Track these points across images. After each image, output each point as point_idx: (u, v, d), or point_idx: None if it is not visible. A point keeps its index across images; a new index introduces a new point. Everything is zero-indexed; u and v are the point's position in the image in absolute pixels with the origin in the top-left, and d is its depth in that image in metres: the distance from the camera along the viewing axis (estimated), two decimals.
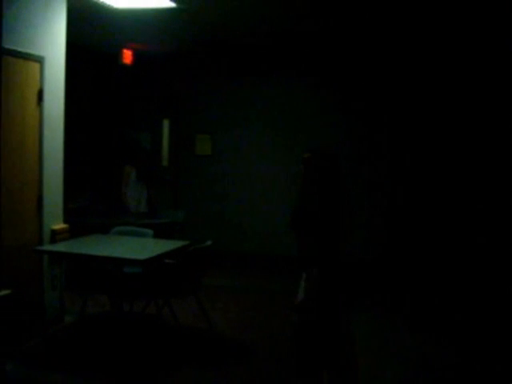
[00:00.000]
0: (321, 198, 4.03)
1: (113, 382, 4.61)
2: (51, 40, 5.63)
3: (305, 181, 4.18)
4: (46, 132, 5.57)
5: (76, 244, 5.66)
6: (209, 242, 5.74)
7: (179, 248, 5.71)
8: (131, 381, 4.68)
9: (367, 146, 9.28)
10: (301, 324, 4.06)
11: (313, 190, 4.11)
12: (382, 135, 9.21)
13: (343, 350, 4.27)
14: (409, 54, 8.84)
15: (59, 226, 5.79)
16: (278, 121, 9.77)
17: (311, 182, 4.11)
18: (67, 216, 6.07)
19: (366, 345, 5.64)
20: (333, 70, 9.40)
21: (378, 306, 7.08)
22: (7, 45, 4.94)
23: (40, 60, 5.46)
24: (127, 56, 9.14)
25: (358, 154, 9.31)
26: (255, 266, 9.22)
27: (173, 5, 6.40)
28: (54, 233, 5.68)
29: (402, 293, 7.65)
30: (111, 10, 6.60)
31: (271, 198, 9.81)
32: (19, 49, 5.14)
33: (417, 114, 8.98)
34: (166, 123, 10.52)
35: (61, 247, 5.54)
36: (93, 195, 9.74)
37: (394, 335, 5.96)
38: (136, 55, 9.30)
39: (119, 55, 9.04)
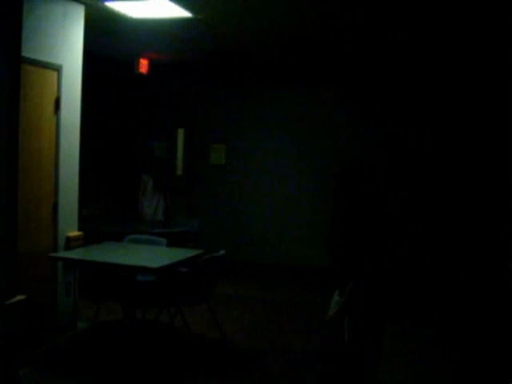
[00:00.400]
0: (355, 211, 3.88)
1: None
2: (69, 49, 5.69)
3: (337, 196, 4.10)
4: (63, 140, 5.62)
5: (90, 251, 5.69)
6: (222, 252, 5.75)
7: (192, 257, 5.72)
8: None
9: (379, 154, 9.26)
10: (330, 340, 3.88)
11: (346, 205, 3.96)
12: (395, 144, 9.19)
13: None
14: (419, 62, 8.83)
15: (74, 233, 5.83)
16: (292, 130, 9.78)
17: (344, 196, 4.00)
18: (81, 223, 6.11)
19: None
20: (347, 78, 9.40)
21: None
22: (25, 53, 4.98)
23: (57, 68, 5.52)
24: (143, 65, 9.20)
25: (372, 163, 9.29)
26: (268, 275, 9.20)
27: (189, 15, 6.44)
28: (68, 240, 5.72)
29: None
30: (128, 20, 6.65)
31: (284, 208, 9.81)
32: (37, 57, 5.21)
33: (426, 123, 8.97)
34: (180, 132, 10.57)
35: (75, 254, 5.57)
36: (107, 203, 9.80)
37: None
38: (152, 64, 9.36)
39: (135, 64, 9.09)
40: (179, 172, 10.57)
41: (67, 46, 5.67)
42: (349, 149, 9.38)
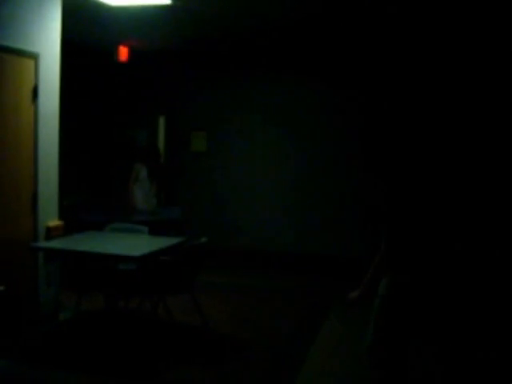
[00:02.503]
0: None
1: (107, 380, 4.62)
2: (46, 36, 5.62)
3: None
4: (41, 129, 5.56)
5: (71, 241, 5.66)
6: (204, 239, 5.74)
7: (174, 245, 5.71)
8: (125, 378, 4.69)
9: (362, 142, 9.27)
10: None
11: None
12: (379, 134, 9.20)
13: None
14: (405, 51, 8.84)
15: (54, 222, 5.79)
16: (273, 118, 9.77)
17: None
18: (62, 213, 6.07)
19: None
20: (330, 66, 9.39)
21: None
22: (1, 41, 4.95)
23: (35, 56, 5.45)
24: (123, 53, 9.12)
25: (354, 151, 9.31)
26: (251, 263, 9.22)
27: (168, 2, 6.38)
28: (48, 230, 5.68)
29: None
30: (107, 7, 6.59)
31: (267, 195, 9.81)
32: (14, 45, 5.14)
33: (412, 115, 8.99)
34: (161, 120, 10.52)
35: (56, 244, 5.53)
36: (88, 192, 9.74)
37: None
38: (132, 52, 9.28)
39: (115, 52, 9.01)
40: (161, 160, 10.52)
41: (45, 34, 5.59)
42: (330, 135, 9.42)
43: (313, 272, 8.65)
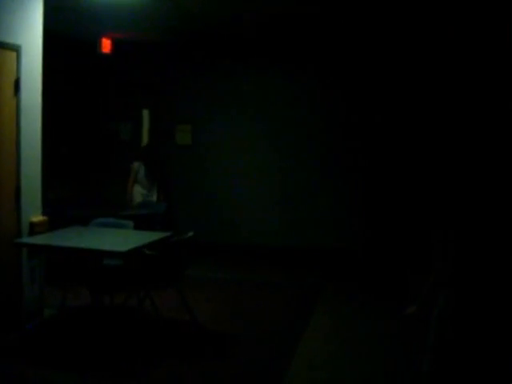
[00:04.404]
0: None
1: (94, 377, 4.55)
2: (28, 28, 5.51)
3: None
4: (23, 122, 5.46)
5: (55, 236, 5.57)
6: (190, 233, 5.68)
7: (160, 239, 5.65)
8: (113, 375, 4.62)
9: (348, 135, 9.25)
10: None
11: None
12: (365, 123, 9.19)
13: None
14: (384, 42, 8.82)
15: (38, 218, 5.70)
16: (259, 111, 9.71)
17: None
18: (46, 208, 5.98)
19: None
20: (312, 59, 9.35)
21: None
22: None
23: (16, 48, 5.34)
24: (106, 45, 9.00)
25: (340, 143, 9.29)
26: (238, 256, 9.18)
27: None
28: (32, 225, 5.58)
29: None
30: None
31: (252, 188, 9.77)
32: None
33: (389, 104, 8.98)
34: (145, 113, 10.41)
35: (39, 240, 5.44)
36: (72, 187, 9.64)
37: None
38: (116, 44, 9.16)
39: (98, 44, 8.89)
40: (142, 148, 10.43)
41: (26, 26, 5.48)
42: (317, 129, 9.39)
43: (300, 265, 8.63)
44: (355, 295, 7.11)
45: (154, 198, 8.91)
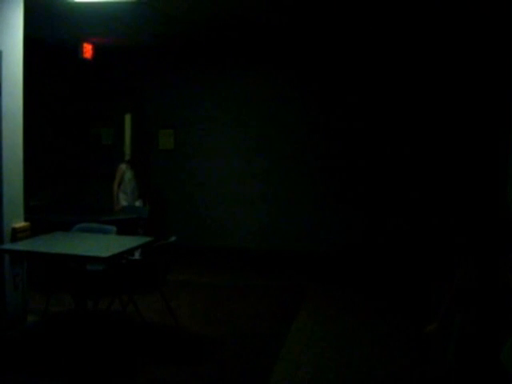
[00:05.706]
0: None
1: (77, 381, 4.54)
2: (8, 33, 5.49)
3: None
4: (5, 128, 5.43)
5: (38, 242, 5.55)
6: (173, 238, 5.68)
7: (143, 244, 5.65)
8: (96, 380, 4.61)
9: (330, 138, 9.31)
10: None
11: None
12: (352, 127, 9.25)
13: None
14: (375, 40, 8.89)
15: (20, 224, 5.67)
16: (241, 115, 9.74)
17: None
18: (29, 213, 5.95)
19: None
20: (294, 61, 9.40)
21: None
22: None
23: None
24: (87, 50, 8.98)
25: (322, 146, 9.35)
26: (221, 260, 9.18)
27: None
28: (14, 231, 5.55)
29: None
30: (70, 3, 6.47)
31: (236, 192, 9.79)
32: None
33: (384, 102, 9.06)
34: (127, 118, 10.39)
35: (22, 246, 5.41)
36: (54, 192, 9.59)
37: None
38: (97, 49, 9.14)
39: (79, 49, 8.87)
40: (127, 158, 10.40)
41: (6, 31, 5.46)
42: (298, 132, 9.44)
43: (284, 268, 8.65)
44: (338, 297, 7.15)
45: (137, 202, 8.88)
